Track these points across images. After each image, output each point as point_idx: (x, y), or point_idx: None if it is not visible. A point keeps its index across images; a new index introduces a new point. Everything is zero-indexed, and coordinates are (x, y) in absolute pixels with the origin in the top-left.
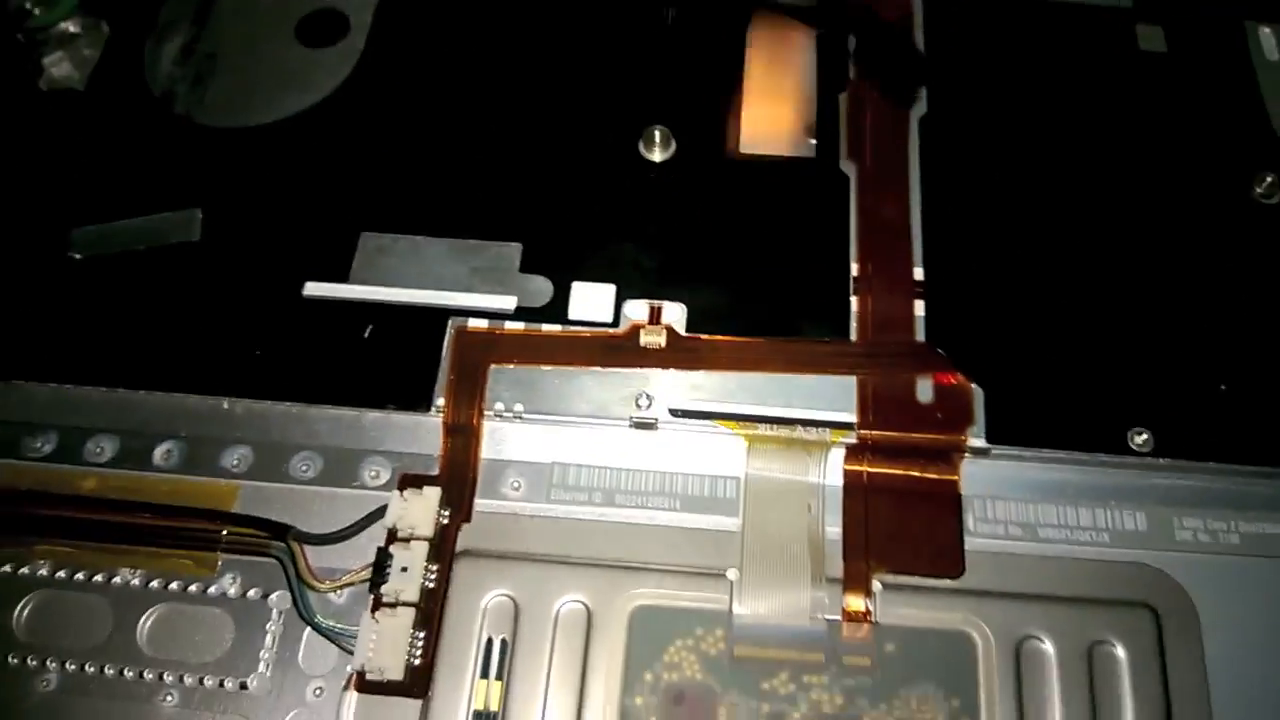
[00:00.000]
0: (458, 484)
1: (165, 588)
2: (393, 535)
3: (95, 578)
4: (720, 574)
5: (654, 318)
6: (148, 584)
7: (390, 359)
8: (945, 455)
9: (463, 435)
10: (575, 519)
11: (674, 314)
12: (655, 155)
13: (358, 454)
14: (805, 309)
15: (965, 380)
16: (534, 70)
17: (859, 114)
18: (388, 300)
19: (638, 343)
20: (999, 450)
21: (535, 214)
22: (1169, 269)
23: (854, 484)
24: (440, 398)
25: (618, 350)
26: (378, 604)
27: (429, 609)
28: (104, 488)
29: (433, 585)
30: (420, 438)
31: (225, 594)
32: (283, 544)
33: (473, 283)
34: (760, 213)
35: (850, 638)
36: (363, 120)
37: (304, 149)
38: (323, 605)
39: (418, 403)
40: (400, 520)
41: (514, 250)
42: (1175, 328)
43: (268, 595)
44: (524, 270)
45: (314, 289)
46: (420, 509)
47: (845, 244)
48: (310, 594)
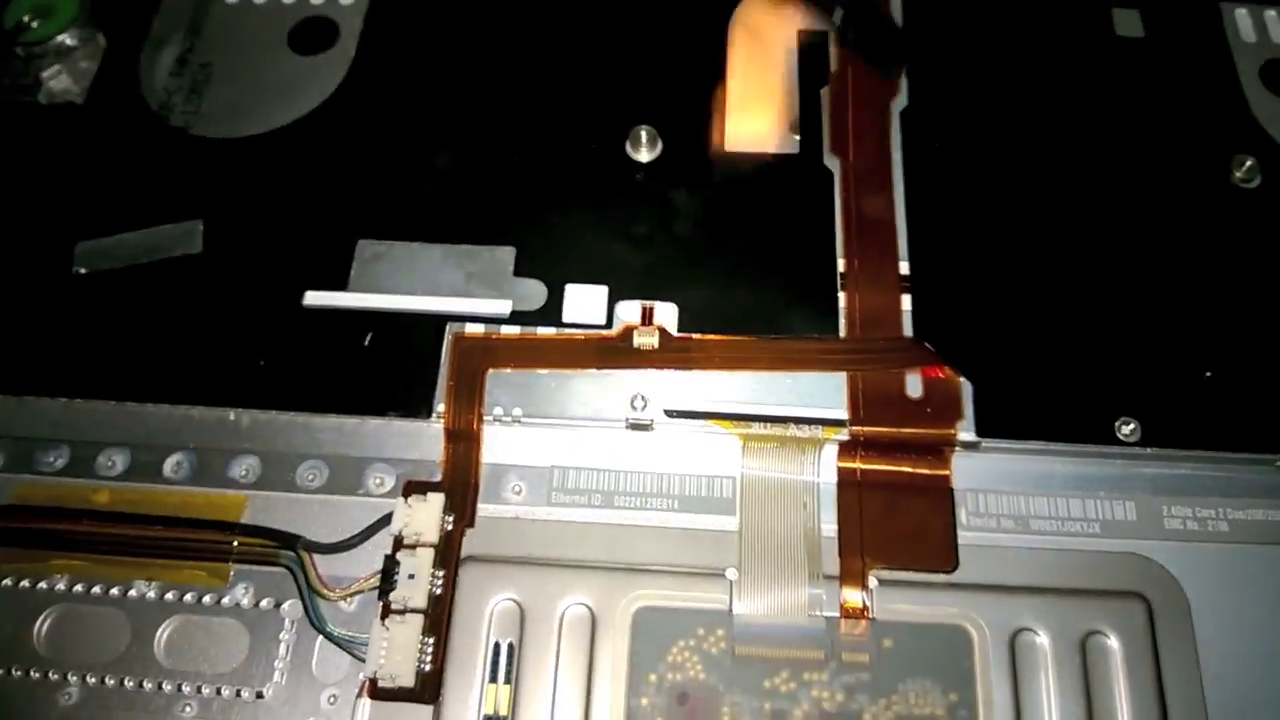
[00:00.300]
0: (460, 490)
1: (180, 599)
2: (399, 542)
3: (111, 591)
4: (719, 573)
5: (646, 318)
6: (163, 596)
7: (390, 366)
8: (936, 449)
9: (464, 441)
10: (576, 522)
11: (666, 314)
12: (642, 155)
13: (362, 462)
14: (794, 305)
15: (954, 374)
16: (521, 75)
17: (841, 109)
18: (386, 308)
19: (631, 344)
20: (989, 443)
21: (527, 217)
22: (1151, 257)
23: (847, 480)
24: (440, 404)
25: (612, 352)
26: (387, 611)
27: (437, 615)
28: (116, 501)
29: (439, 591)
30: (422, 444)
31: (239, 604)
32: (292, 553)
33: (468, 288)
34: (747, 210)
35: (848, 634)
36: (356, 127)
37: (300, 157)
38: (333, 613)
39: (419, 409)
40: (406, 527)
41: (508, 254)
42: (1159, 316)
43: (280, 605)
44: (518, 274)
45: (314, 298)
46: (425, 515)
47: (831, 240)
48: (321, 602)
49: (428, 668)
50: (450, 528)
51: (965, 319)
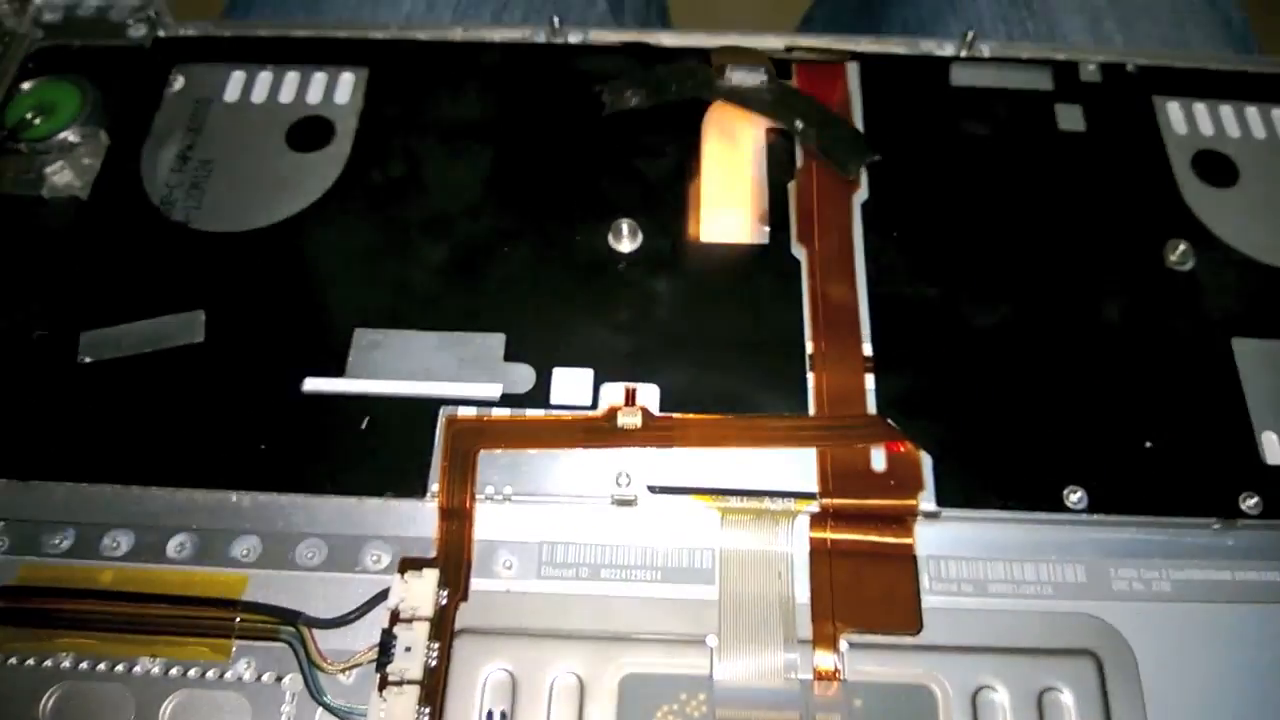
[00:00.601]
0: (454, 565)
1: (184, 675)
2: (395, 616)
3: (116, 668)
4: (701, 640)
5: (630, 399)
6: (167, 672)
7: (386, 448)
8: (900, 519)
9: (457, 518)
10: (565, 594)
11: (648, 395)
12: (624, 246)
13: (359, 540)
14: (767, 385)
15: (914, 449)
16: (509, 171)
17: (806, 201)
18: (382, 393)
19: (616, 424)
20: (948, 513)
21: (516, 305)
22: (1094, 336)
23: (818, 549)
24: (434, 484)
25: (597, 432)
26: (384, 683)
27: (432, 686)
28: (121, 580)
29: (435, 663)
30: (417, 522)
31: (241, 678)
32: (293, 629)
33: (460, 373)
34: (722, 296)
35: (822, 696)
36: (352, 221)
37: (298, 250)
38: (333, 686)
39: (414, 489)
40: (402, 602)
41: (498, 340)
42: (1102, 391)
43: (281, 678)
44: (508, 359)
45: (313, 384)
46: (420, 590)
47: (800, 323)
48: (321, 675)
49: None
50: (445, 602)
51: (924, 397)
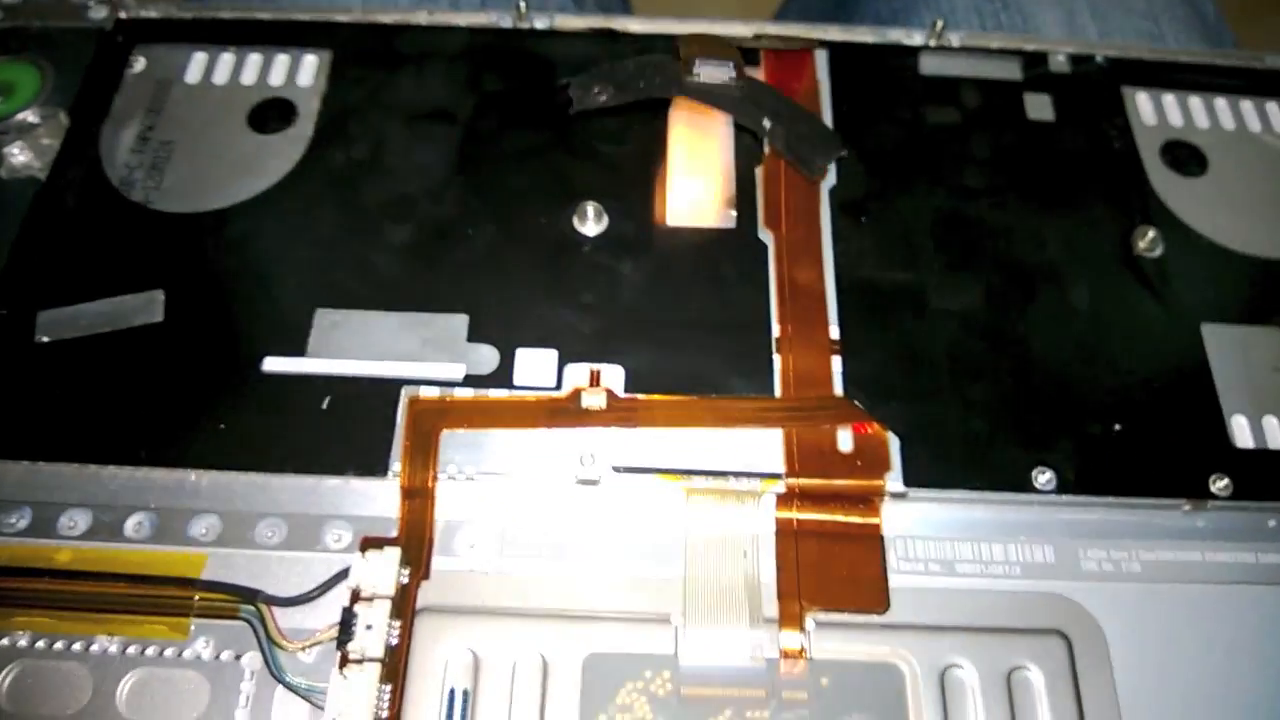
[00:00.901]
0: (416, 544)
1: (142, 653)
2: (356, 595)
3: (74, 646)
4: (665, 619)
5: (594, 380)
6: (124, 650)
7: (348, 428)
8: (867, 499)
9: (419, 498)
10: (528, 574)
11: (613, 376)
12: (589, 229)
13: (320, 519)
14: (733, 367)
15: (881, 430)
16: (474, 152)
17: (774, 187)
18: (343, 373)
19: (580, 404)
20: (916, 493)
21: (480, 286)
22: (1064, 321)
23: (785, 529)
24: (396, 463)
25: (561, 412)
26: (345, 661)
27: (393, 664)
28: (78, 560)
29: (396, 641)
30: (379, 501)
31: (199, 657)
32: (252, 607)
33: (423, 353)
34: (688, 279)
35: (788, 674)
36: (314, 202)
37: (259, 231)
38: (293, 664)
39: (375, 468)
40: (363, 580)
41: (461, 321)
42: (1072, 374)
43: (240, 656)
44: (471, 340)
45: (273, 364)
46: (381, 569)
47: (767, 307)
48: (280, 654)
49: (385, 714)
50: (406, 580)
51: (891, 379)
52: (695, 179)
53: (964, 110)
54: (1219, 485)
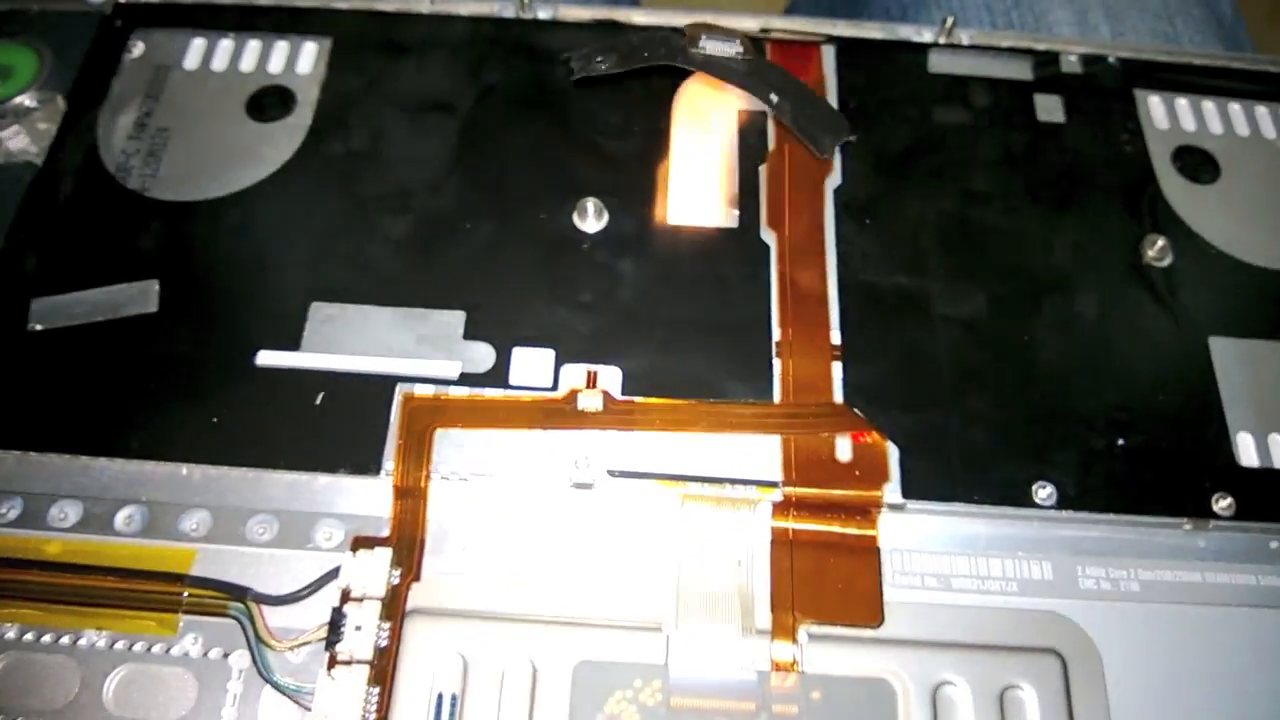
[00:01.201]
0: (407, 545)
1: (130, 648)
2: (346, 595)
3: (62, 640)
4: (656, 628)
5: (591, 382)
6: (113, 645)
7: (341, 425)
8: (864, 510)
9: (411, 498)
10: (519, 578)
11: (610, 378)
12: (589, 226)
13: (311, 517)
14: (732, 372)
15: (880, 439)
16: (474, 146)
17: (778, 186)
18: (338, 368)
19: (576, 406)
20: (914, 505)
21: (477, 283)
22: (1069, 331)
23: (780, 539)
24: (389, 461)
25: (557, 414)
26: (333, 662)
27: (382, 666)
28: (68, 552)
29: (385, 643)
30: (371, 500)
31: (187, 654)
32: (241, 605)
33: (418, 350)
34: (688, 280)
35: (778, 687)
36: (311, 193)
37: (255, 221)
38: (281, 664)
39: (368, 467)
40: (353, 581)
41: (457, 318)
42: (1074, 387)
43: (228, 654)
44: (467, 337)
45: (266, 358)
46: (372, 570)
47: (768, 309)
48: (269, 653)
49: (372, 717)
50: (396, 582)
51: (892, 387)
52: (698, 177)
53: (973, 110)
54: (1222, 504)
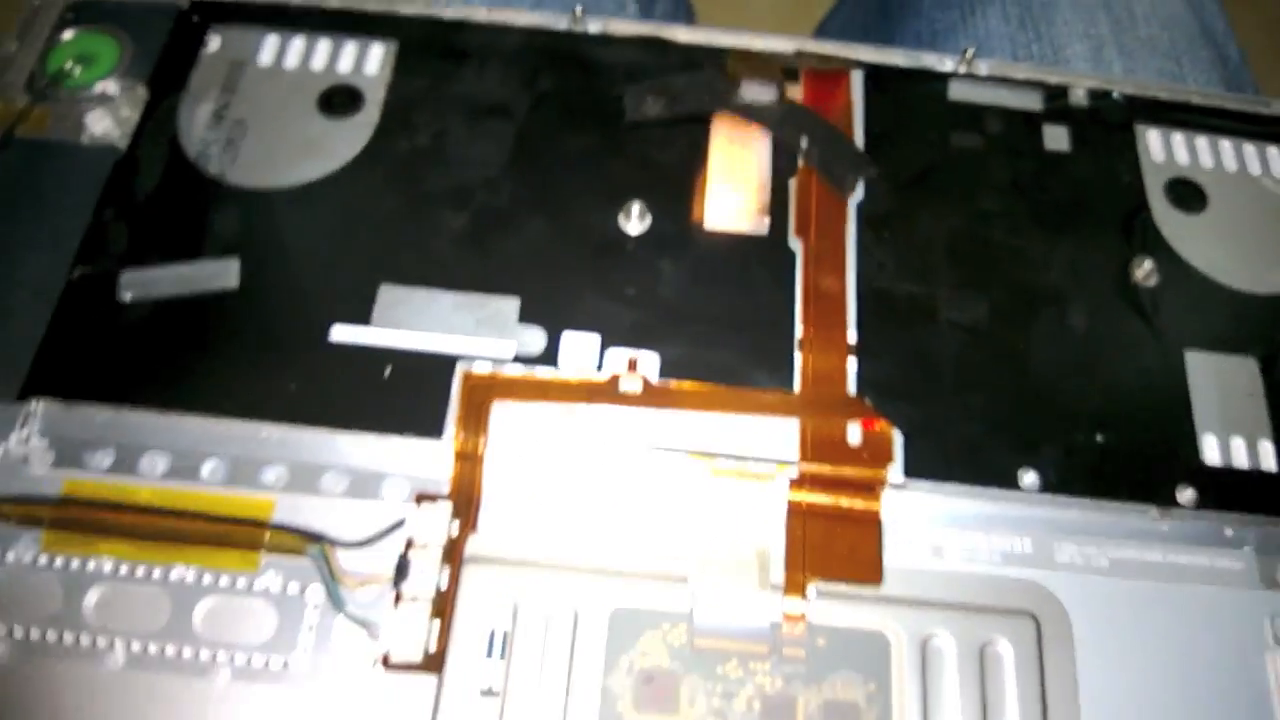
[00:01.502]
0: (465, 501)
1: (215, 582)
2: (410, 543)
3: (153, 573)
4: (684, 581)
5: (631, 366)
6: (200, 579)
7: (406, 395)
8: (869, 487)
9: (469, 461)
10: (564, 534)
11: (649, 363)
12: (632, 228)
13: (380, 474)
14: (758, 362)
15: (887, 426)
16: (531, 149)
17: (805, 198)
18: (404, 346)
19: (618, 388)
20: (914, 484)
21: (531, 273)
22: (1059, 337)
23: (795, 509)
24: (450, 428)
25: (601, 393)
26: (399, 599)
27: (441, 606)
28: (157, 499)
29: (445, 586)
30: (433, 462)
31: (268, 589)
32: (318, 547)
33: (477, 330)
34: (721, 279)
35: (789, 634)
36: (379, 186)
37: (328, 209)
38: (352, 600)
39: (431, 432)
40: (417, 530)
41: (513, 304)
42: (1062, 386)
43: (304, 590)
44: (521, 321)
45: (340, 333)
46: (434, 521)
47: (792, 309)
48: (342, 589)
49: (433, 647)
50: (455, 533)
51: (900, 381)
52: (733, 187)
53: (986, 136)
54: (1185, 495)
